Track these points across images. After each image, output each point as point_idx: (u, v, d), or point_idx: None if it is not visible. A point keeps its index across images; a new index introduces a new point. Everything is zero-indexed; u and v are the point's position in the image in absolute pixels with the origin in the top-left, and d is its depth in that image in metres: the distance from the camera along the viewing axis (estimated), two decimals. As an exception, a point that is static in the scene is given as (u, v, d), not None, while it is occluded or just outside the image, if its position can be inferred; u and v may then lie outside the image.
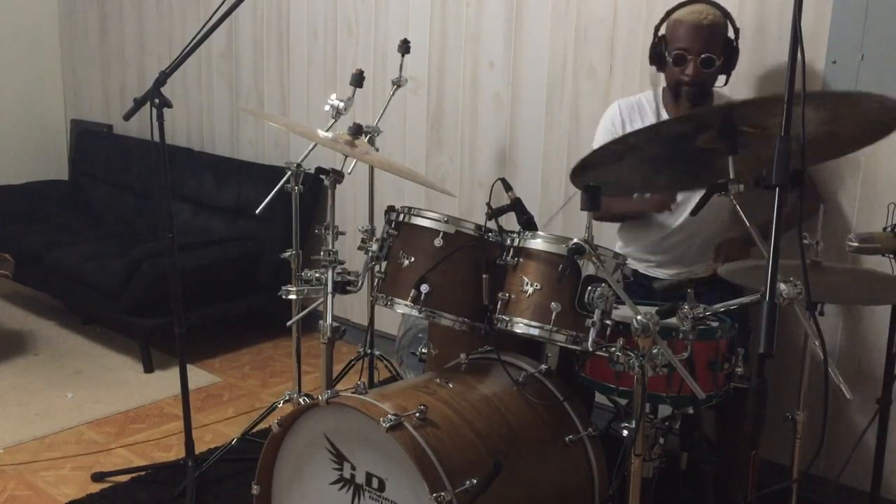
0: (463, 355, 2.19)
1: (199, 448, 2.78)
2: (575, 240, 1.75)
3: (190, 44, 2.32)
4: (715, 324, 2.07)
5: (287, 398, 2.79)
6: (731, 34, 2.38)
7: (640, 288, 2.49)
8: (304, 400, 2.71)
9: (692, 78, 2.32)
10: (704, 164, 1.85)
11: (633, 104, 2.53)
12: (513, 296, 1.96)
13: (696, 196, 2.41)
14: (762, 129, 1.64)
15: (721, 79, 2.41)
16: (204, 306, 3.67)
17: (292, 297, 2.52)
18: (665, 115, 2.47)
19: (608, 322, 1.84)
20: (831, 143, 1.81)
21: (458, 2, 3.29)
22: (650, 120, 2.47)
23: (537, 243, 1.96)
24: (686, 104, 2.38)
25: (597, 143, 2.54)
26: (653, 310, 1.60)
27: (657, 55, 2.41)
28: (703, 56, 2.29)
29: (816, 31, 2.44)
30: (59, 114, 5.41)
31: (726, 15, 2.36)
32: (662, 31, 2.41)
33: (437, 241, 2.05)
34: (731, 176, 1.70)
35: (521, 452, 1.95)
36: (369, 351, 3.05)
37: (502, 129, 3.25)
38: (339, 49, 3.75)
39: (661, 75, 2.46)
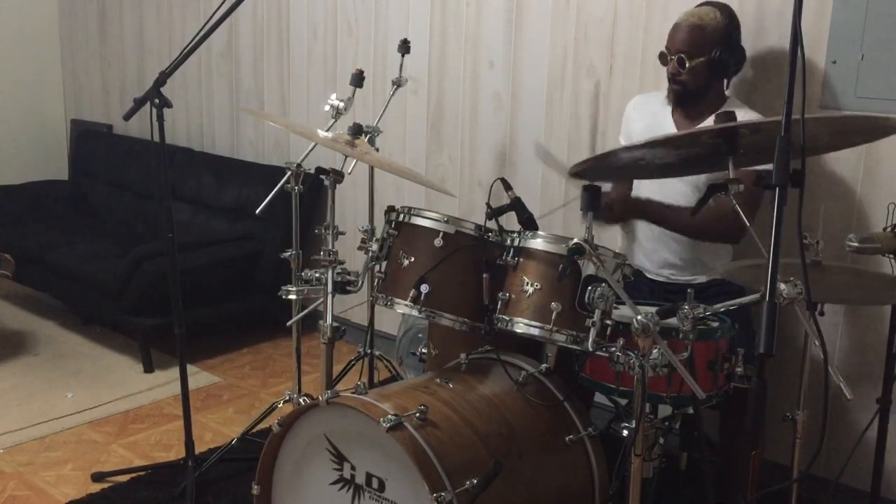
0: (463, 355, 2.19)
1: (199, 448, 2.78)
2: (575, 240, 1.75)
3: (190, 44, 2.32)
4: (715, 324, 2.07)
5: (287, 398, 2.79)
6: (731, 36, 2.37)
7: (640, 289, 2.48)
8: (304, 400, 2.71)
9: (671, 76, 2.38)
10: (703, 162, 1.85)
11: (649, 98, 2.58)
12: (513, 296, 1.96)
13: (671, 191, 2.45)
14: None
15: (725, 81, 2.42)
16: (204, 306, 3.67)
17: (292, 297, 2.52)
18: (669, 114, 2.48)
19: (608, 322, 1.84)
20: (831, 141, 1.82)
21: (458, 2, 3.29)
22: (658, 115, 2.50)
23: (537, 243, 1.96)
24: (672, 100, 2.45)
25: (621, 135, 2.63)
26: (653, 310, 1.60)
27: None
28: (678, 55, 2.34)
29: (816, 31, 2.44)
30: (59, 114, 5.41)
31: (728, 16, 2.36)
32: None
33: (437, 241, 2.05)
34: (731, 176, 1.71)
35: (521, 452, 1.95)
36: (369, 351, 3.05)
37: (502, 129, 3.25)
38: (339, 49, 3.75)
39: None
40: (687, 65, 2.33)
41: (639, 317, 1.58)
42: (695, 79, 2.35)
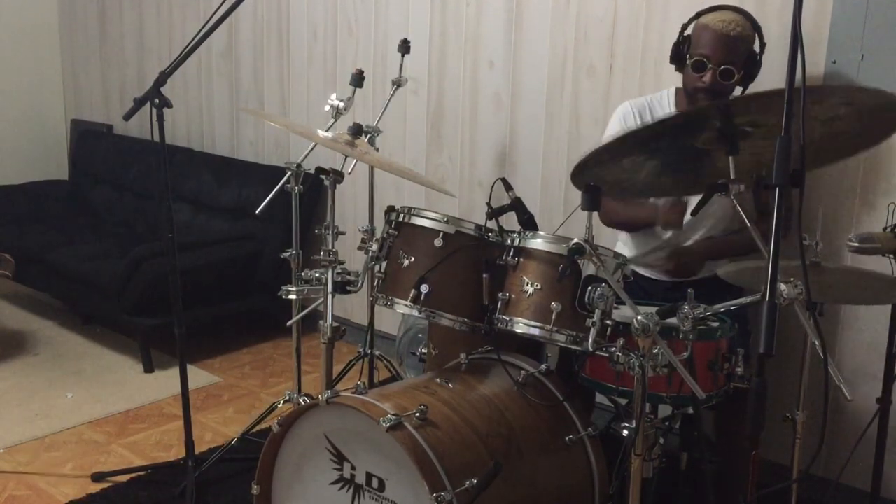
0: (463, 355, 2.19)
1: (199, 448, 2.78)
2: (575, 240, 1.75)
3: (190, 44, 2.32)
4: (715, 324, 2.07)
5: (287, 398, 2.79)
6: (756, 47, 2.35)
7: (640, 289, 2.48)
8: (304, 400, 2.71)
9: (708, 86, 2.29)
10: (706, 166, 1.85)
11: (644, 104, 2.52)
12: (513, 296, 1.96)
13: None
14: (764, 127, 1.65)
15: (738, 89, 2.40)
16: (204, 306, 3.67)
17: (292, 297, 2.52)
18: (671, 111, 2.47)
19: (608, 322, 1.84)
20: (831, 144, 1.81)
21: (458, 2, 3.29)
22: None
23: (537, 243, 1.96)
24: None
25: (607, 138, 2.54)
26: (653, 310, 1.60)
27: (678, 55, 2.40)
28: (722, 67, 2.26)
29: (816, 31, 2.44)
30: (59, 114, 5.41)
31: (755, 27, 2.33)
32: (689, 31, 2.38)
33: (437, 241, 2.05)
34: (732, 176, 1.71)
35: (521, 452, 1.95)
36: (369, 351, 3.05)
37: (502, 129, 3.25)
38: (339, 49, 3.75)
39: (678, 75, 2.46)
40: (735, 77, 2.28)
41: (639, 317, 1.58)
42: (730, 88, 2.32)
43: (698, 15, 2.36)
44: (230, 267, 3.83)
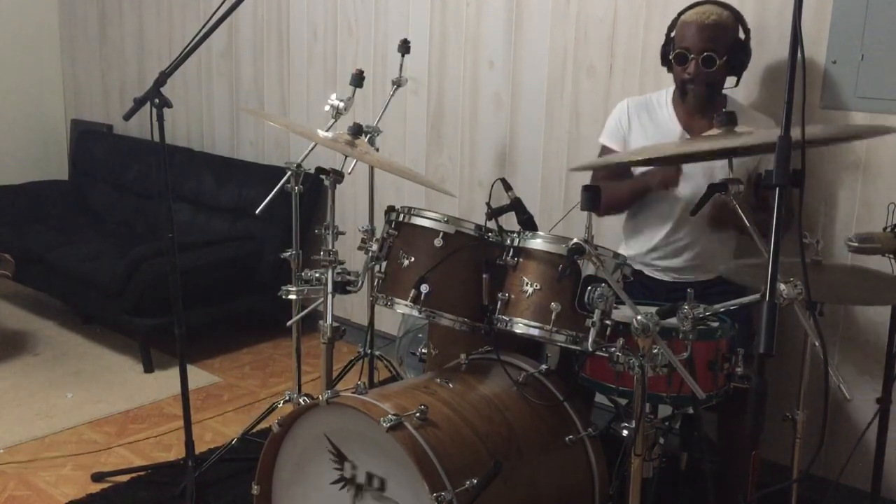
0: (463, 355, 2.19)
1: (199, 448, 2.78)
2: (575, 240, 1.75)
3: (190, 44, 2.32)
4: (715, 324, 2.07)
5: (287, 398, 2.79)
6: (741, 35, 2.38)
7: (642, 288, 2.48)
8: (304, 400, 2.71)
9: (693, 76, 2.34)
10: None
11: (643, 103, 2.53)
12: (513, 296, 1.96)
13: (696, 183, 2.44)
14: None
15: (732, 80, 2.41)
16: (204, 306, 3.67)
17: (292, 297, 2.52)
18: (674, 114, 2.47)
19: (608, 322, 1.83)
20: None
21: (458, 2, 3.29)
22: (659, 119, 2.48)
23: (537, 243, 1.96)
24: (692, 102, 2.39)
25: (603, 137, 2.56)
26: (653, 310, 1.60)
27: (664, 56, 2.44)
28: (703, 55, 2.30)
29: (816, 31, 2.44)
30: (59, 114, 5.41)
31: (737, 16, 2.37)
32: (673, 32, 2.42)
33: (437, 241, 2.06)
34: (731, 175, 1.71)
35: (521, 452, 1.95)
36: (369, 351, 3.05)
37: (502, 129, 3.25)
38: (339, 49, 3.75)
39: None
40: (717, 63, 2.30)
41: (639, 317, 1.58)
42: (717, 77, 2.34)
43: (679, 15, 2.40)
44: (230, 267, 3.83)
